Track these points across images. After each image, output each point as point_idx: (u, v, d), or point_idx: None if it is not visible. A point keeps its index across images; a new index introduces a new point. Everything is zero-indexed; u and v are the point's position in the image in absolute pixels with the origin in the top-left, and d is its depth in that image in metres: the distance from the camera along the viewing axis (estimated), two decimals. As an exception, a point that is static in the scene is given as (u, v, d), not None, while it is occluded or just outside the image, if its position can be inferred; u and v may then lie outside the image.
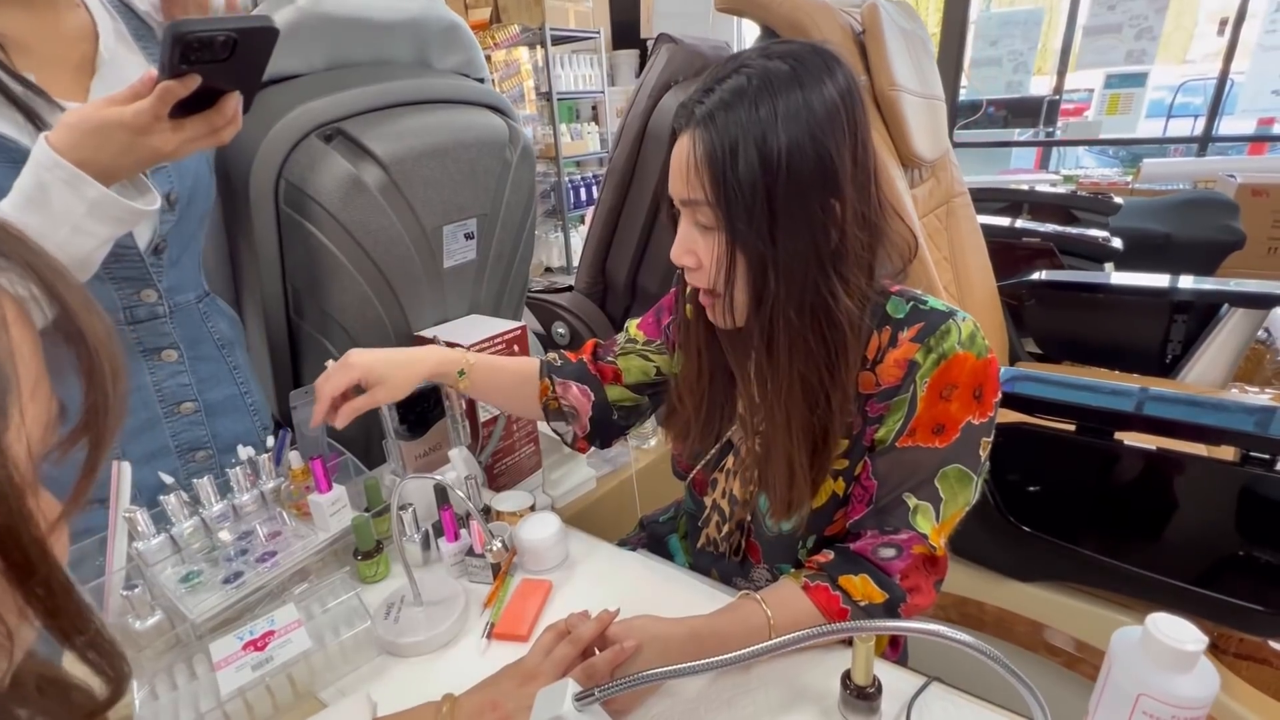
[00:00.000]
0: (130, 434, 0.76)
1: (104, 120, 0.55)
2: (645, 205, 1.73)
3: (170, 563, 0.72)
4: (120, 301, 0.72)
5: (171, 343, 0.78)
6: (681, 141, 0.58)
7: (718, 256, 0.59)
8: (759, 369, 0.64)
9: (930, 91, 1.42)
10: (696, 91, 0.58)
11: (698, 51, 1.70)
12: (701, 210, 0.58)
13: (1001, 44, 3.78)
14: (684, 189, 0.59)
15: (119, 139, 0.56)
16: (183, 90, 0.54)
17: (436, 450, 0.92)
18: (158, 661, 0.63)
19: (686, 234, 0.61)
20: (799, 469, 0.63)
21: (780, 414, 0.62)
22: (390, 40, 0.99)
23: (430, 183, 0.95)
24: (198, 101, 0.57)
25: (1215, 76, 3.33)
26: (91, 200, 0.57)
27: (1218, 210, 2.33)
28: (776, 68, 0.55)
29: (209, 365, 0.82)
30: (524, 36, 3.85)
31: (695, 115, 0.57)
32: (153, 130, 0.56)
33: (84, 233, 0.58)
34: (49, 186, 0.56)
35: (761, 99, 0.54)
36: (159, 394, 0.77)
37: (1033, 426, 1.06)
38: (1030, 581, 1.14)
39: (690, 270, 0.63)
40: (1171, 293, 1.46)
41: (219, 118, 0.59)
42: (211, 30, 0.52)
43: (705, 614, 0.63)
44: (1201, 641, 0.41)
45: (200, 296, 0.82)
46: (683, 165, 0.58)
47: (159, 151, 0.58)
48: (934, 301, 0.63)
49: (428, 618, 0.70)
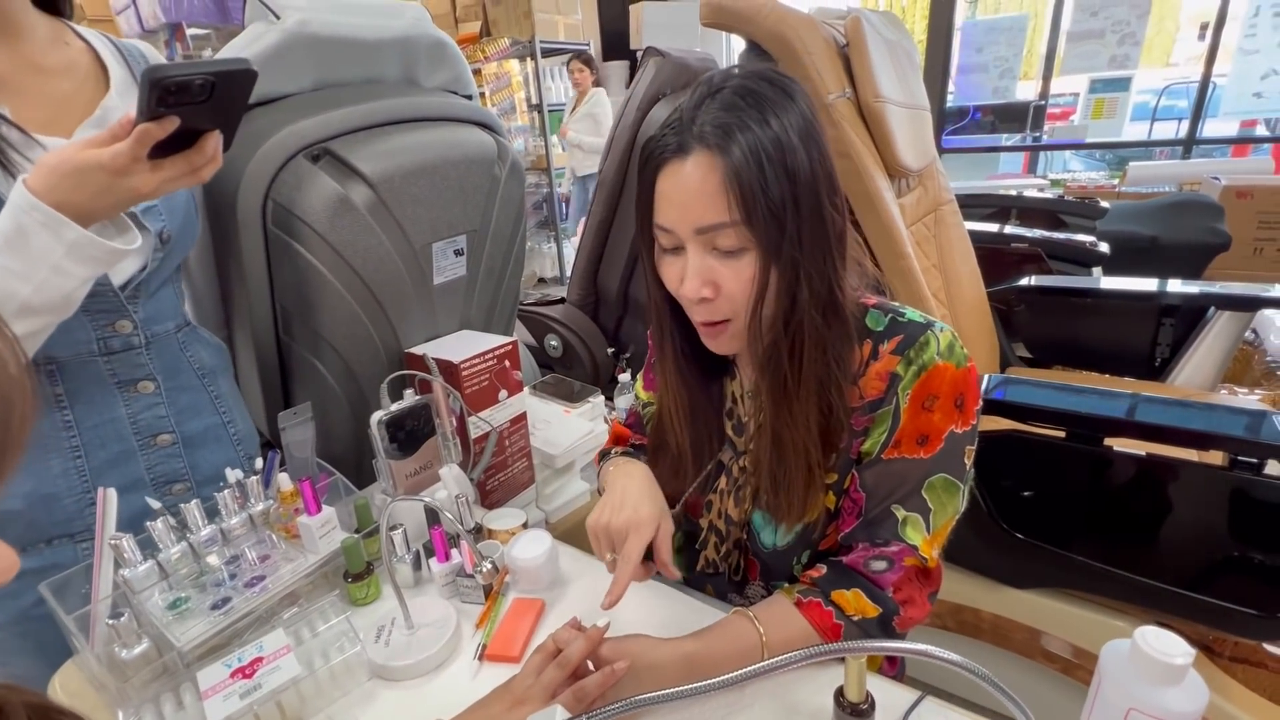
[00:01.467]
0: (104, 466, 0.74)
1: (82, 162, 0.55)
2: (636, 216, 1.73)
3: (158, 589, 0.71)
4: (94, 332, 0.71)
5: (148, 374, 0.76)
6: (685, 167, 0.55)
7: (748, 278, 0.57)
8: (774, 379, 0.62)
9: (915, 101, 1.43)
10: (680, 117, 0.57)
11: (685, 64, 1.72)
12: (725, 234, 0.56)
13: (987, 50, 3.83)
14: (704, 214, 0.56)
15: (97, 180, 0.56)
16: (160, 133, 0.54)
17: (427, 469, 0.92)
18: (144, 691, 0.62)
19: (703, 264, 0.58)
20: (817, 469, 0.64)
21: (800, 416, 0.62)
22: (377, 59, 0.99)
23: (419, 200, 0.95)
24: (177, 141, 0.57)
25: (1198, 80, 3.37)
26: (70, 242, 0.57)
27: (1203, 213, 2.35)
28: (755, 85, 0.56)
29: (189, 395, 0.81)
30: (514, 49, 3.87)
31: (699, 135, 0.55)
32: (131, 171, 0.56)
33: (63, 273, 0.58)
34: (27, 229, 0.56)
35: (764, 113, 0.55)
36: (134, 426, 0.76)
37: (1024, 433, 1.06)
38: (1026, 588, 1.14)
39: (704, 302, 0.59)
40: (1158, 296, 1.48)
41: (199, 157, 0.59)
42: (189, 74, 0.52)
43: (697, 633, 0.63)
44: (1189, 654, 0.41)
45: (180, 326, 0.81)
46: (697, 189, 0.55)
47: (138, 192, 0.58)
48: (911, 313, 0.64)
49: (419, 640, 0.69)
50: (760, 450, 0.66)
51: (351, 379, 0.99)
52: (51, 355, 0.69)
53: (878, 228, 1.19)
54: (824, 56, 1.17)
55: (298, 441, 0.85)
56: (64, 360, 0.71)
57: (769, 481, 0.66)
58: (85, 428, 0.72)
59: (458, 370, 0.95)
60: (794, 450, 0.63)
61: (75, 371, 0.71)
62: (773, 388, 0.63)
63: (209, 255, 0.94)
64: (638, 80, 1.70)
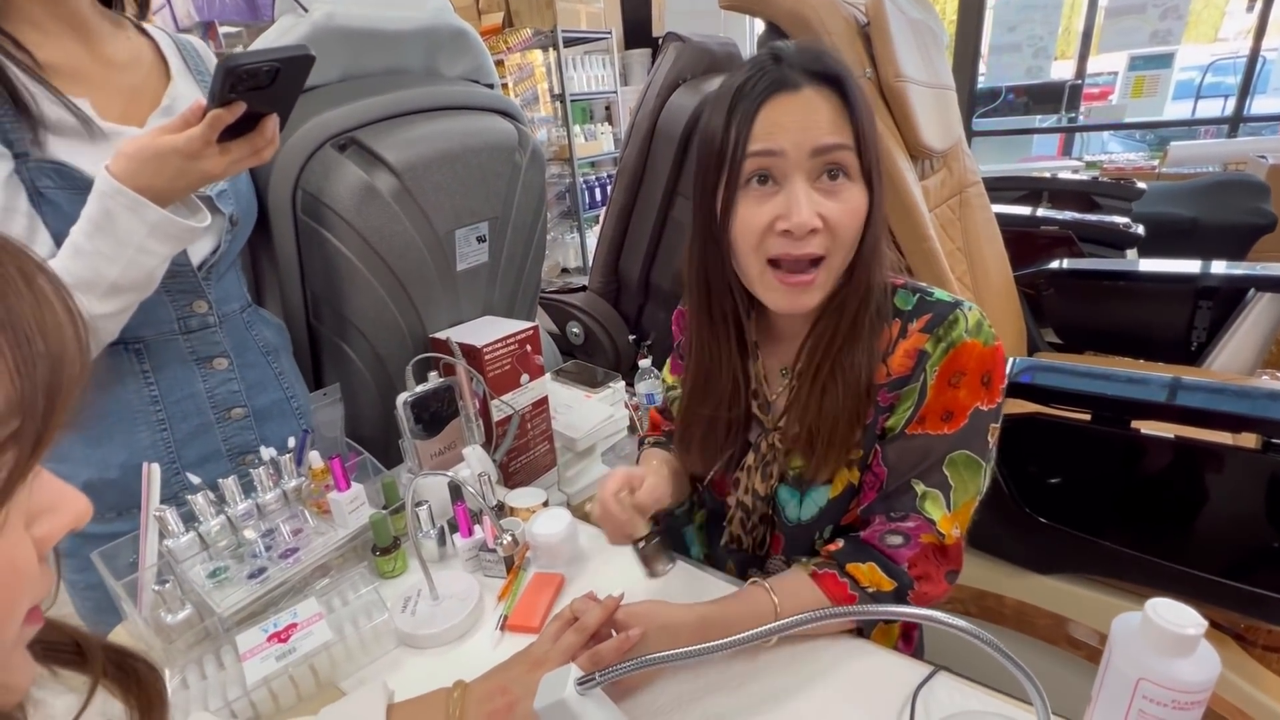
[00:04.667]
0: (187, 438, 0.80)
1: (159, 148, 0.60)
2: (656, 203, 1.74)
3: (199, 559, 0.75)
4: (175, 313, 0.77)
5: (222, 351, 0.82)
6: (800, 96, 0.57)
7: (855, 207, 0.59)
8: (839, 321, 0.63)
9: (940, 81, 1.40)
10: (766, 60, 0.60)
11: (706, 49, 1.71)
12: (844, 154, 0.58)
13: (1021, 29, 3.70)
14: (826, 134, 0.57)
15: (173, 164, 0.61)
16: (230, 117, 0.60)
17: (451, 449, 0.95)
18: (188, 653, 0.66)
19: (807, 194, 0.57)
20: (855, 421, 0.64)
21: (857, 362, 0.63)
22: (401, 50, 1.01)
23: (442, 188, 0.98)
24: (240, 125, 0.62)
25: (1246, 55, 3.22)
26: (152, 223, 0.62)
27: (1248, 192, 2.26)
28: (821, 49, 0.61)
29: (255, 372, 0.86)
30: (536, 39, 3.88)
31: (809, 73, 0.58)
32: (203, 155, 0.61)
33: (147, 252, 0.63)
34: (114, 213, 0.61)
35: (841, 61, 0.60)
36: (211, 400, 0.81)
37: (1049, 417, 1.05)
38: (1050, 574, 1.12)
39: (812, 235, 0.58)
40: (1194, 279, 1.43)
41: (260, 139, 0.65)
42: (258, 62, 0.57)
43: (712, 600, 0.64)
44: (1201, 625, 0.41)
45: (244, 306, 0.86)
46: (815, 113, 0.57)
47: (209, 173, 0.63)
48: (939, 293, 0.64)
49: (443, 611, 0.72)
50: (804, 405, 0.65)
51: (379, 363, 1.02)
52: (138, 335, 0.75)
53: (899, 210, 1.18)
54: (844, 36, 1.15)
55: (327, 421, 0.89)
56: (149, 339, 0.76)
57: (805, 437, 0.66)
58: (169, 401, 0.78)
59: (480, 354, 0.98)
60: (843, 395, 0.63)
61: (159, 349, 0.77)
62: (835, 333, 0.63)
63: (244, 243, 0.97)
64: (658, 66, 1.70)
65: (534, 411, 1.07)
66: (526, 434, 1.07)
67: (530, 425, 1.07)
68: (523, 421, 1.05)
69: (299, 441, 0.85)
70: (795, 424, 0.67)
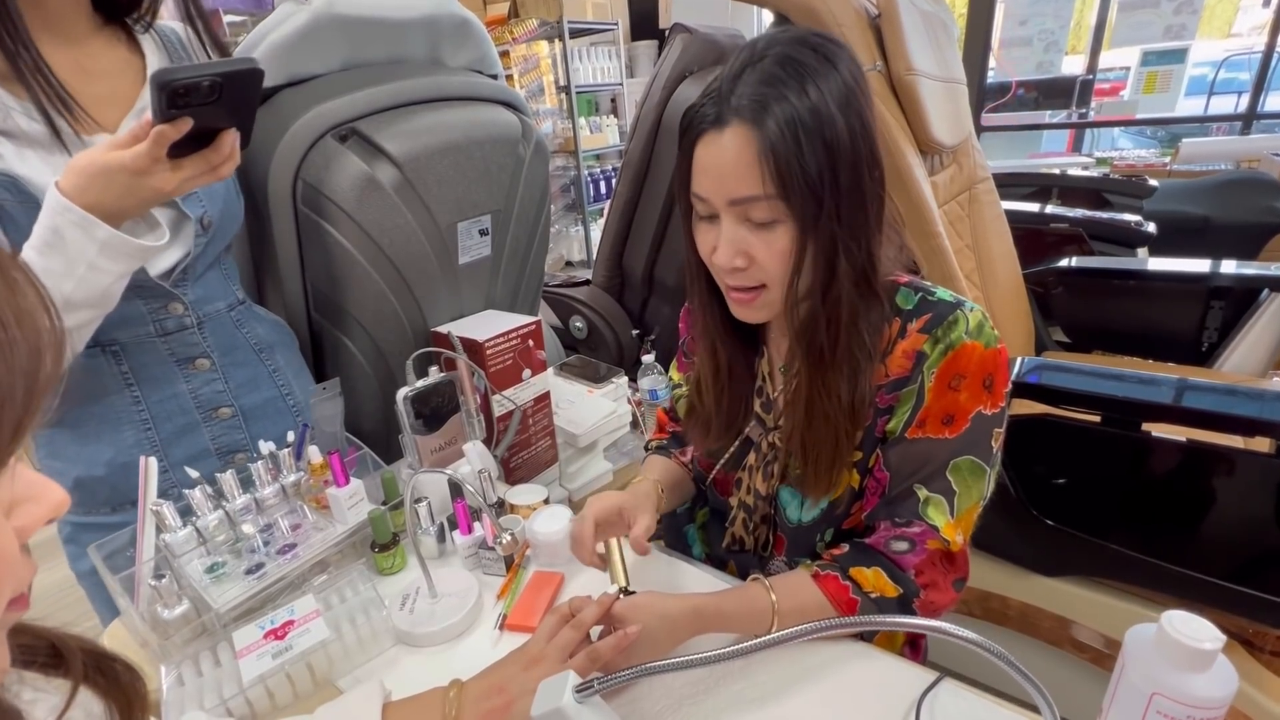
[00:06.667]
0: (172, 438, 0.79)
1: (106, 164, 0.57)
2: (661, 198, 1.72)
3: (196, 554, 0.74)
4: (149, 315, 0.75)
5: (203, 352, 0.80)
6: (722, 139, 0.55)
7: (781, 249, 0.57)
8: (810, 349, 0.62)
9: (950, 75, 1.38)
10: (719, 86, 0.56)
11: (713, 40, 1.69)
12: (758, 206, 0.56)
13: (1032, 23, 3.65)
14: (736, 187, 0.55)
15: (121, 181, 0.58)
16: (175, 133, 0.56)
17: (452, 445, 0.94)
18: (184, 649, 0.65)
19: (735, 234, 0.58)
20: (845, 440, 0.63)
21: (834, 387, 0.62)
22: (403, 39, 1.00)
23: (444, 180, 0.96)
24: (197, 140, 0.59)
25: (1260, 50, 3.17)
26: (101, 240, 0.60)
27: (1261, 191, 2.23)
28: (797, 52, 0.55)
29: (246, 370, 0.85)
30: (542, 30, 3.85)
31: (735, 108, 0.54)
32: (152, 171, 0.58)
33: (99, 270, 0.61)
34: (62, 230, 0.59)
35: (803, 82, 0.53)
36: (195, 400, 0.80)
37: (1057, 418, 1.03)
38: (1055, 576, 1.11)
39: (737, 270, 0.60)
40: (1207, 278, 1.41)
41: (216, 155, 0.61)
42: (195, 76, 0.54)
43: (711, 593, 0.63)
44: (1219, 640, 0.40)
45: (232, 305, 0.84)
46: (732, 162, 0.55)
47: (160, 190, 0.60)
48: (942, 292, 0.63)
49: (442, 609, 0.71)
50: (793, 420, 0.66)
51: (379, 357, 1.01)
52: (113, 337, 0.74)
53: (907, 205, 1.16)
54: (854, 29, 1.13)
55: (327, 416, 0.88)
56: (125, 342, 0.75)
57: (799, 451, 0.66)
58: (151, 402, 0.77)
59: (482, 348, 0.97)
60: (825, 420, 0.63)
61: (136, 351, 0.76)
62: (808, 357, 0.62)
63: (243, 235, 0.96)
64: (664, 58, 1.67)
65: (536, 407, 1.06)
66: (528, 429, 1.06)
67: (532, 421, 1.06)
68: (524, 417, 1.04)
69: (298, 436, 0.84)
70: (788, 441, 0.68)
